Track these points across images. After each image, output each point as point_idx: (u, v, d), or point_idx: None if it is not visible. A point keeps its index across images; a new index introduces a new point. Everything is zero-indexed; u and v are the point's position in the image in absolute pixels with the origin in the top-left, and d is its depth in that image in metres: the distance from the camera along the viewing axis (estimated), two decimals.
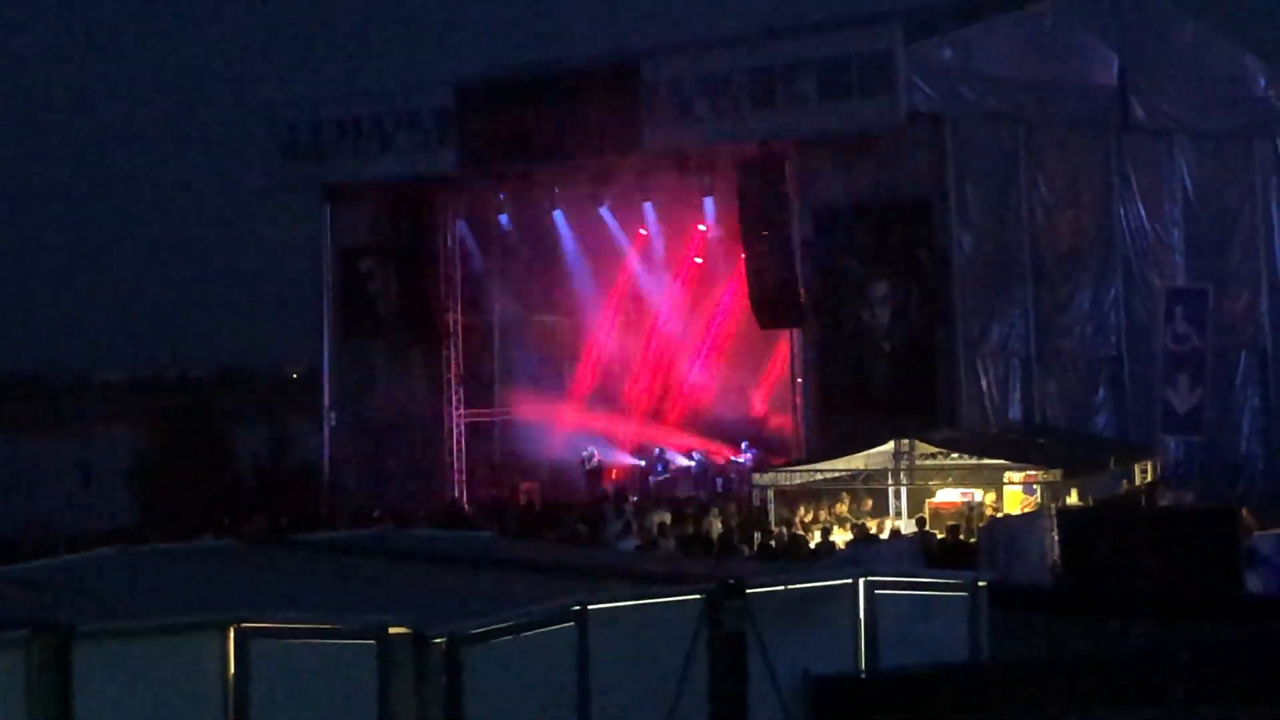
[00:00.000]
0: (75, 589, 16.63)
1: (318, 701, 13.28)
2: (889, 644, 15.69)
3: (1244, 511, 25.75)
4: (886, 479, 29.30)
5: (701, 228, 38.06)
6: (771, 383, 38.98)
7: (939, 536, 26.40)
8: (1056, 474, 27.84)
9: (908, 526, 27.96)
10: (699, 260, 39.53)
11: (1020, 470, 28.43)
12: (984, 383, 33.22)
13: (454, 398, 39.86)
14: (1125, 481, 29.73)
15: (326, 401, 41.46)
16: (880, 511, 29.39)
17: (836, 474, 29.74)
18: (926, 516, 28.09)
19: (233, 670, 13.58)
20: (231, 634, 13.60)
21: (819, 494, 29.87)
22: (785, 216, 34.00)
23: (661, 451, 39.25)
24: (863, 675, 15.66)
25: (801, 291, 34.20)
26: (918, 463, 28.99)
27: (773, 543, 27.09)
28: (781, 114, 33.65)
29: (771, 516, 28.97)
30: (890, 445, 29.03)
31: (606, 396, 41.01)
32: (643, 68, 35.43)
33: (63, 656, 13.27)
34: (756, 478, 31.02)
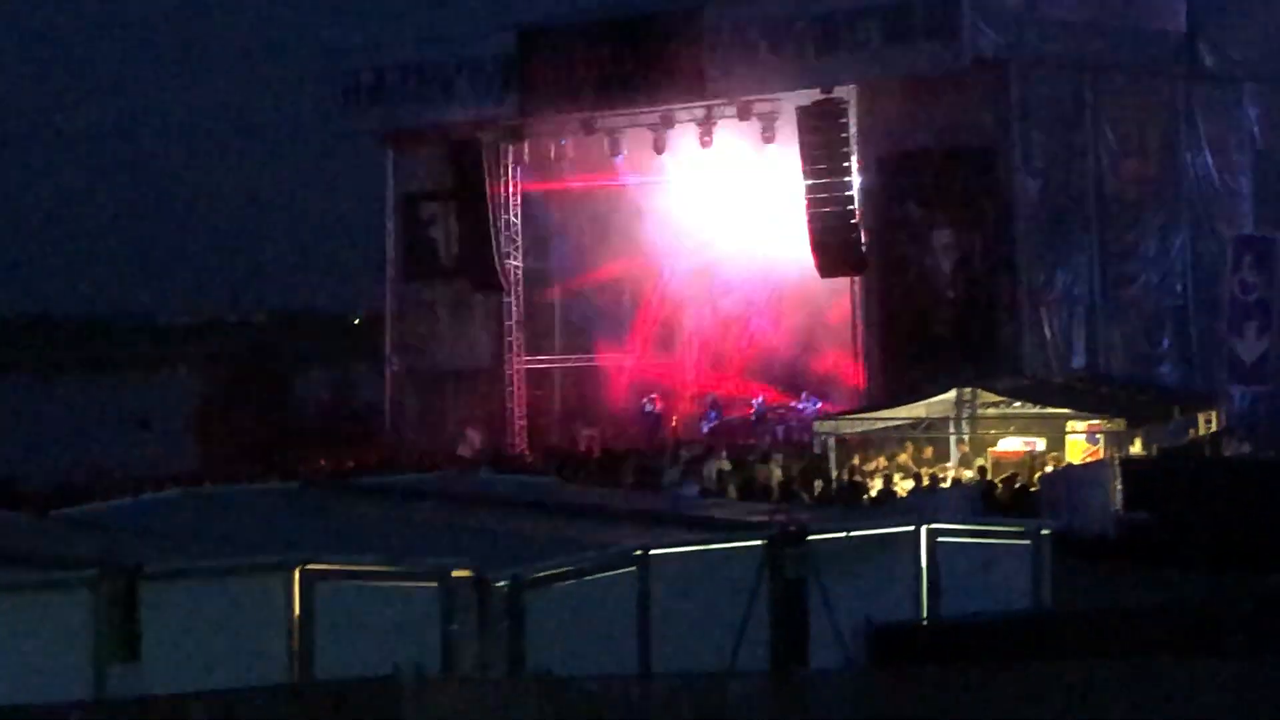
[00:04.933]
0: (142, 530, 16.79)
1: (381, 643, 13.33)
2: (950, 592, 15.67)
3: None
4: (948, 427, 29.17)
5: (764, 174, 37.80)
6: (833, 330, 38.74)
7: (999, 487, 26.26)
8: (1120, 423, 27.65)
9: (969, 475, 27.83)
10: (761, 206, 39.27)
11: (1084, 419, 28.25)
12: (1047, 331, 33.02)
13: (514, 344, 39.88)
14: (1190, 431, 29.50)
15: (388, 347, 41.72)
16: (942, 460, 29.26)
17: (898, 422, 29.68)
18: (988, 465, 27.96)
19: (297, 611, 13.66)
20: (296, 575, 13.67)
21: (880, 442, 29.79)
22: (847, 163, 33.83)
23: (715, 399, 39.12)
24: (924, 622, 15.65)
25: (863, 238, 34.05)
26: (980, 411, 28.85)
27: (834, 490, 27.04)
28: (845, 59, 33.49)
29: (832, 464, 28.91)
30: (952, 394, 28.91)
31: (667, 343, 40.90)
32: (706, 12, 35.26)
33: (130, 596, 13.38)
34: (818, 426, 30.96)
